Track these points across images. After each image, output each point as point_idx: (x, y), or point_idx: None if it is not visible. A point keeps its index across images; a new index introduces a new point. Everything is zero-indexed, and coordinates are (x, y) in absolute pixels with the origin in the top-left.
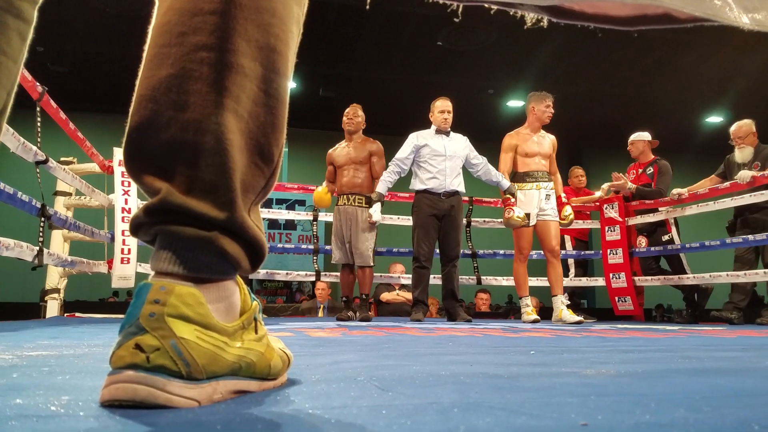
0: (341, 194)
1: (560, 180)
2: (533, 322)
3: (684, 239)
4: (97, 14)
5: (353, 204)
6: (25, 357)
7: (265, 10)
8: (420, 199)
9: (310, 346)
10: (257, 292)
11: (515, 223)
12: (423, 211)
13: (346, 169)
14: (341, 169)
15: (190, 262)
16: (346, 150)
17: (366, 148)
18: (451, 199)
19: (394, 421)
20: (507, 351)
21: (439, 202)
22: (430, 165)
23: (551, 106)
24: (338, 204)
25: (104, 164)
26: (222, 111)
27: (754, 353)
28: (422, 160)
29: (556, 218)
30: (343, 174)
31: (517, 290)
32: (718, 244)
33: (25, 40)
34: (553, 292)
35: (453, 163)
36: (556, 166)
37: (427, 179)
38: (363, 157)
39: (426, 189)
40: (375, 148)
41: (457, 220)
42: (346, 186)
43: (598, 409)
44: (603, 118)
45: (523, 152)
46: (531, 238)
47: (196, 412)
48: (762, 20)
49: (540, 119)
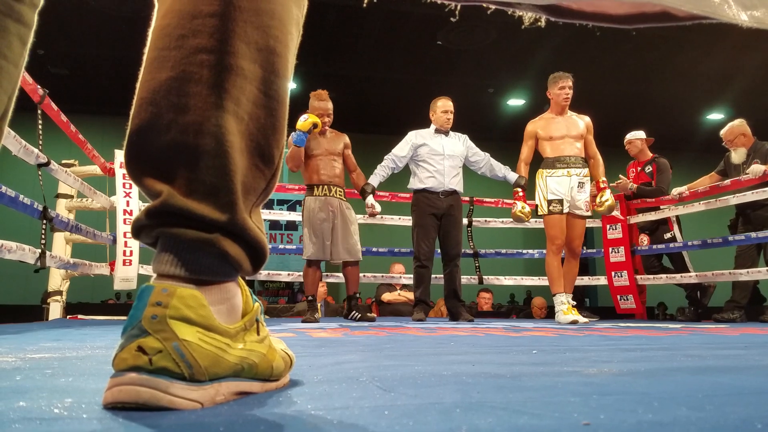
0: (320, 184)
1: (600, 163)
2: (571, 323)
3: (686, 237)
4: (98, 17)
5: (335, 196)
6: (27, 359)
7: (264, 12)
8: (419, 198)
9: (312, 347)
10: (259, 294)
11: (520, 218)
12: (422, 210)
13: (322, 159)
14: (318, 158)
15: (192, 264)
16: (321, 140)
17: (340, 141)
18: (449, 198)
19: (396, 421)
20: (509, 350)
21: (437, 201)
22: (429, 164)
23: (566, 87)
24: (315, 194)
25: (105, 166)
26: (222, 113)
27: (757, 351)
28: (421, 159)
29: (587, 214)
30: (321, 164)
31: (551, 286)
32: (720, 242)
33: (26, 44)
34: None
35: (452, 162)
36: (594, 149)
37: (426, 178)
38: (339, 150)
39: (424, 188)
40: (346, 141)
41: (456, 219)
42: (327, 176)
43: (601, 408)
44: (603, 116)
45: (547, 136)
46: (564, 226)
47: (199, 413)
48: (760, 17)
49: (557, 102)
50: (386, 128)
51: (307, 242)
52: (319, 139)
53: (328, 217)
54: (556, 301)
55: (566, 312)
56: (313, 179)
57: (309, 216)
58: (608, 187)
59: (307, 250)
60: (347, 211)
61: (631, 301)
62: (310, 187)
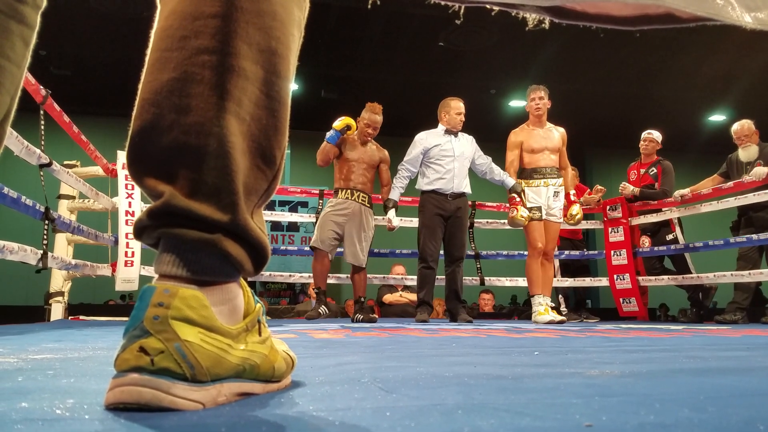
0: (346, 188)
1: (571, 174)
2: (548, 322)
3: (688, 239)
4: (100, 18)
5: (357, 200)
6: (29, 360)
7: (266, 14)
8: (426, 199)
9: (314, 348)
10: (260, 294)
11: (519, 222)
12: (429, 212)
13: (355, 165)
14: (350, 163)
15: (194, 264)
16: (360, 148)
17: (379, 154)
18: (458, 200)
19: (398, 422)
20: (511, 352)
21: (445, 202)
22: (439, 165)
23: (536, 99)
24: (339, 196)
25: (108, 167)
26: (224, 114)
27: (759, 353)
28: (431, 161)
29: (560, 220)
30: (353, 170)
31: (529, 287)
32: (722, 244)
33: (29, 45)
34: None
35: (461, 163)
36: (566, 160)
37: (435, 179)
38: (375, 161)
39: (433, 189)
40: (385, 156)
41: (462, 221)
42: (353, 182)
43: (603, 410)
44: (605, 117)
45: (529, 148)
46: (543, 231)
47: (201, 414)
48: (764, 19)
49: (531, 114)
50: (389, 129)
51: (316, 231)
52: (359, 147)
53: (344, 217)
54: (534, 302)
55: (542, 313)
56: (341, 183)
57: (326, 212)
58: (577, 201)
59: (314, 238)
60: (366, 218)
61: (634, 304)
62: (336, 190)
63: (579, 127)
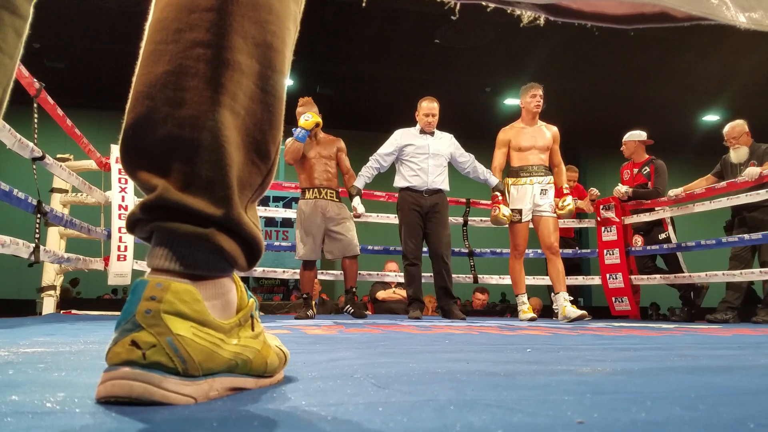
0: (311, 188)
1: (563, 171)
2: (530, 320)
3: (680, 238)
4: (95, 10)
5: (326, 198)
6: (21, 354)
7: (262, 7)
8: (403, 196)
9: (307, 344)
10: (254, 290)
11: (501, 221)
12: (406, 209)
13: (315, 162)
14: (310, 161)
15: (187, 258)
16: (314, 144)
17: (334, 145)
18: (434, 197)
19: (390, 418)
20: (503, 349)
21: (421, 199)
22: (413, 163)
23: (537, 96)
24: (307, 197)
25: (101, 161)
26: (218, 108)
27: (750, 351)
28: (405, 158)
29: (553, 215)
30: (314, 167)
31: (514, 288)
32: (714, 243)
33: (21, 36)
34: (555, 290)
35: (436, 161)
36: (559, 158)
37: (410, 176)
38: (333, 153)
39: (408, 186)
40: (341, 144)
41: (442, 217)
42: (318, 180)
43: (594, 407)
44: (600, 116)
45: (516, 146)
46: (526, 234)
47: (192, 409)
48: (759, 19)
49: (528, 110)
50: (382, 126)
51: (299, 243)
52: (313, 143)
53: (319, 219)
54: (518, 301)
55: (525, 311)
56: (306, 183)
57: (301, 218)
58: (569, 194)
59: (299, 250)
60: (339, 210)
61: (626, 303)
62: (303, 191)
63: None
